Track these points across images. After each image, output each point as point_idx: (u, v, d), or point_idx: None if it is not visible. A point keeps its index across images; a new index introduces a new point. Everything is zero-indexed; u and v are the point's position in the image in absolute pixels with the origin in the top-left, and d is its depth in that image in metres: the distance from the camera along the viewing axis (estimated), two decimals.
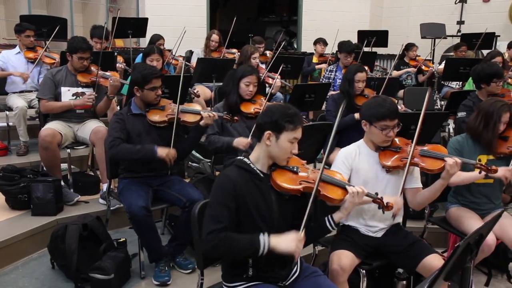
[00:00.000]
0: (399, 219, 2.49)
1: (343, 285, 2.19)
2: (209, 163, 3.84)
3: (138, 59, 4.62)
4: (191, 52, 6.15)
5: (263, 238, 1.78)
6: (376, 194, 2.00)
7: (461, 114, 3.61)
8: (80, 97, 3.53)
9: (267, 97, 3.57)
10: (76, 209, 3.32)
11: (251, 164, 1.91)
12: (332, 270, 2.21)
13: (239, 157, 1.96)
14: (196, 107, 3.03)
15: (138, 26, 5.90)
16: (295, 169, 1.95)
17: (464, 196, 2.82)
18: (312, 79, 6.03)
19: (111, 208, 3.23)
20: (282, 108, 1.90)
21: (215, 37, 5.51)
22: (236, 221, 1.84)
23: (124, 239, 2.77)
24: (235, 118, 2.96)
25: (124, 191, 2.73)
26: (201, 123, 2.84)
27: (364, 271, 2.34)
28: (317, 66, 6.03)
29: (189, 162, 4.12)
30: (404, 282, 2.64)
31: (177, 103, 2.84)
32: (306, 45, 8.15)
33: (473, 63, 5.09)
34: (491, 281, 3.07)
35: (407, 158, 2.29)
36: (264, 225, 1.86)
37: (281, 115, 1.86)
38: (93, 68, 3.64)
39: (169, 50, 5.27)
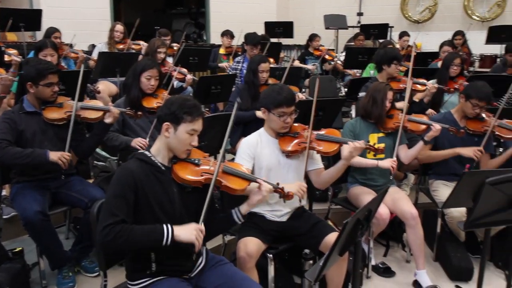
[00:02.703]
0: (304, 202, 2.60)
1: (251, 271, 2.23)
2: (116, 161, 3.70)
3: (31, 55, 4.28)
4: (93, 47, 5.85)
5: (166, 228, 1.76)
6: (278, 184, 2.05)
7: (362, 94, 3.86)
8: None
9: (169, 89, 3.51)
10: None
11: (152, 157, 1.91)
12: (239, 257, 2.25)
13: (140, 151, 1.96)
14: (98, 103, 2.90)
15: (31, 18, 5.46)
16: (196, 161, 1.97)
17: (360, 174, 3.04)
18: (221, 71, 6.03)
19: (5, 217, 2.98)
20: (181, 100, 1.91)
21: (119, 27, 5.28)
22: (137, 214, 1.82)
23: (20, 248, 2.57)
24: (139, 113, 2.88)
25: (17, 196, 2.53)
26: (106, 120, 2.72)
27: (271, 256, 2.41)
28: (220, 65, 6.02)
29: (94, 161, 3.93)
30: (311, 261, 2.78)
31: (75, 98, 2.69)
32: (215, 37, 8.11)
33: (370, 52, 5.46)
34: (389, 251, 3.34)
35: (305, 143, 2.40)
36: (165, 218, 1.85)
37: (179, 107, 1.87)
38: None
39: (68, 44, 4.95)
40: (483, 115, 3.19)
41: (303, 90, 5.97)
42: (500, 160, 3.21)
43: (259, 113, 3.49)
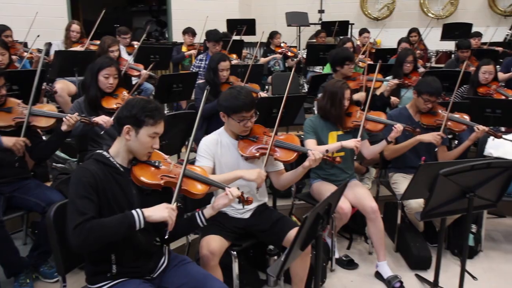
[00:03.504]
0: (265, 199, 2.62)
1: (215, 269, 2.23)
2: (76, 162, 3.60)
3: None
4: (49, 45, 5.67)
5: (136, 212, 1.74)
6: (238, 188, 2.01)
7: (320, 95, 3.91)
8: None
9: (133, 89, 3.46)
10: None
11: (110, 158, 1.86)
12: (202, 255, 2.24)
13: (98, 151, 1.90)
14: (52, 109, 2.75)
15: None
16: (156, 164, 1.93)
17: (322, 170, 3.08)
18: (183, 68, 5.97)
19: None
20: (142, 102, 1.87)
21: (75, 27, 5.13)
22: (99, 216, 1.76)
23: None
24: (94, 121, 2.76)
25: None
26: (62, 128, 2.58)
27: (235, 253, 2.42)
28: (186, 53, 5.99)
29: (53, 163, 3.81)
30: (276, 257, 2.81)
31: (29, 104, 2.55)
32: (177, 35, 8.02)
33: (331, 49, 5.54)
34: (352, 244, 3.42)
35: (264, 149, 2.39)
36: None
37: (141, 109, 1.83)
38: None
39: (21, 43, 4.77)
40: (439, 110, 3.30)
41: (266, 87, 6.01)
42: (457, 152, 3.32)
43: None
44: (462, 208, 2.36)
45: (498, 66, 5.13)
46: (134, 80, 4.35)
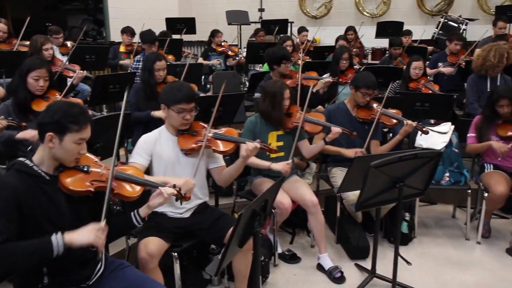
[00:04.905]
0: (206, 198, 2.61)
1: (154, 271, 2.20)
2: (5, 169, 3.39)
3: None
4: None
5: (55, 237, 1.63)
6: (174, 186, 1.98)
7: (257, 94, 3.96)
8: None
9: (65, 90, 3.33)
10: None
11: (34, 167, 1.73)
12: (140, 258, 2.20)
13: (19, 159, 1.76)
14: None
15: None
16: (85, 169, 1.83)
17: None
18: (122, 69, 5.80)
19: None
20: (65, 107, 1.74)
21: (2, 26, 4.83)
22: (24, 231, 1.65)
23: None
24: (23, 124, 2.62)
25: None
26: None
27: (175, 254, 2.39)
28: (121, 62, 5.78)
29: None
30: (219, 256, 2.81)
31: None
32: (115, 34, 7.77)
33: (271, 47, 5.61)
34: (295, 238, 3.49)
35: (201, 140, 2.42)
36: (55, 231, 1.68)
37: (63, 115, 1.71)
38: None
39: None
40: (374, 105, 3.44)
41: (208, 86, 5.98)
42: (388, 146, 3.46)
43: (155, 113, 3.43)
44: (394, 198, 2.49)
45: (427, 62, 5.45)
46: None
